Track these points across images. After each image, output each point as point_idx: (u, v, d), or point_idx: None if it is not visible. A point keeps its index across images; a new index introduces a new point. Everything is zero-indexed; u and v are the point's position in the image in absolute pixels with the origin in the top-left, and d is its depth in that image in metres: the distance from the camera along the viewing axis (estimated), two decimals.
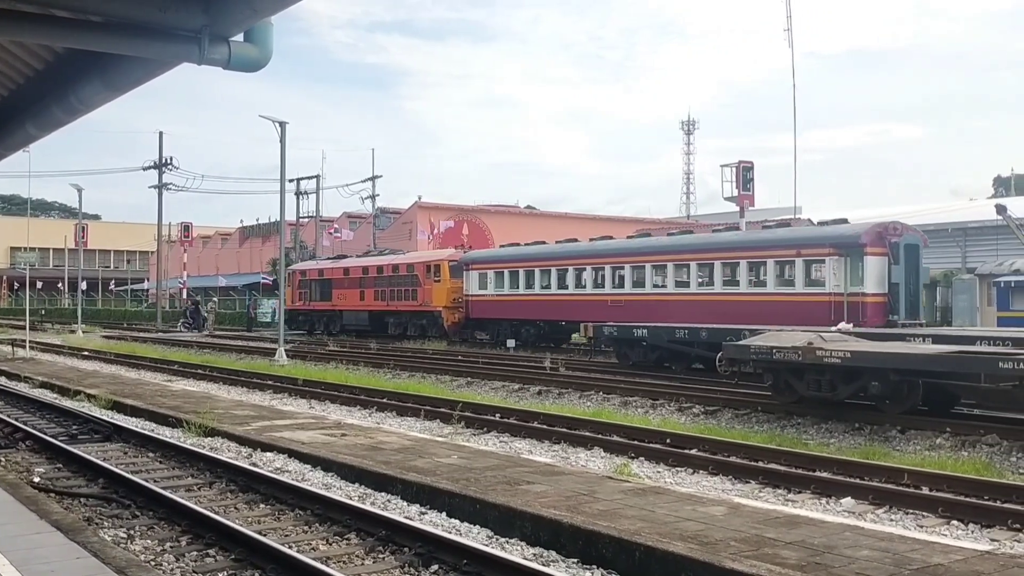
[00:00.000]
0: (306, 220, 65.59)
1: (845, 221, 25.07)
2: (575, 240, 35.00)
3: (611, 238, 34.43)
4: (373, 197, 60.37)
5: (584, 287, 31.14)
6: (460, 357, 30.05)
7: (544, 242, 36.53)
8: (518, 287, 34.15)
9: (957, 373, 14.10)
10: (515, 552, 7.38)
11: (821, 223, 25.42)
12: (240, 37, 6.89)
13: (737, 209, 38.08)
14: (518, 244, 37.63)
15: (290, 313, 49.06)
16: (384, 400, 18.54)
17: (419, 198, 62.28)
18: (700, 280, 27.01)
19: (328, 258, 50.47)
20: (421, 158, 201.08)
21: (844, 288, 22.85)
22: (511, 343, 34.47)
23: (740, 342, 17.50)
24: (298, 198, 63.84)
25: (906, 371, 14.39)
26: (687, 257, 27.30)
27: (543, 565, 6.90)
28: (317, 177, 63.21)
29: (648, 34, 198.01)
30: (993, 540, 8.32)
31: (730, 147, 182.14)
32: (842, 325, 18.72)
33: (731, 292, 25.63)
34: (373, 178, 60.07)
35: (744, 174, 37.50)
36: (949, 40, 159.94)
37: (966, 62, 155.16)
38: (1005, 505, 9.37)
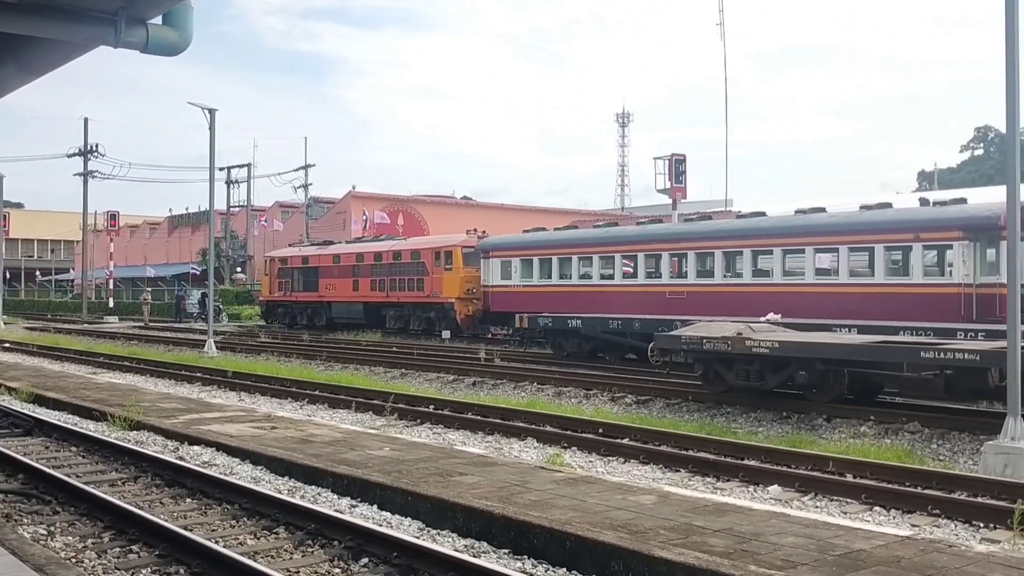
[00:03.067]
0: (237, 209, 64.61)
1: (964, 201, 21.49)
2: (615, 223, 30.97)
3: (659, 221, 29.70)
4: (306, 186, 59.76)
5: (635, 277, 26.92)
6: (394, 348, 29.89)
7: (575, 226, 32.72)
8: (551, 277, 29.67)
9: (881, 363, 14.45)
10: (446, 544, 7.35)
11: (939, 203, 21.54)
12: (159, 20, 6.70)
13: (670, 201, 38.65)
14: (545, 228, 33.22)
15: (268, 305, 45.77)
16: (316, 392, 18.34)
17: (353, 187, 61.81)
18: (785, 269, 23.07)
19: (314, 243, 46.54)
20: (356, 147, 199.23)
21: (973, 278, 19.47)
22: (446, 333, 34.32)
23: (671, 333, 17.70)
24: (229, 187, 62.94)
25: (832, 361, 14.71)
26: (768, 243, 23.16)
27: (474, 556, 6.89)
28: (248, 166, 62.42)
29: (588, 27, 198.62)
30: (914, 525, 8.55)
31: (671, 140, 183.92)
32: (770, 316, 19.02)
33: (827, 283, 21.79)
34: (306, 167, 59.44)
35: (676, 167, 38.05)
36: (877, 40, 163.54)
37: (893, 61, 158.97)
38: (925, 491, 9.63)
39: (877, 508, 9.24)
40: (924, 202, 24.16)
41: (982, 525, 8.57)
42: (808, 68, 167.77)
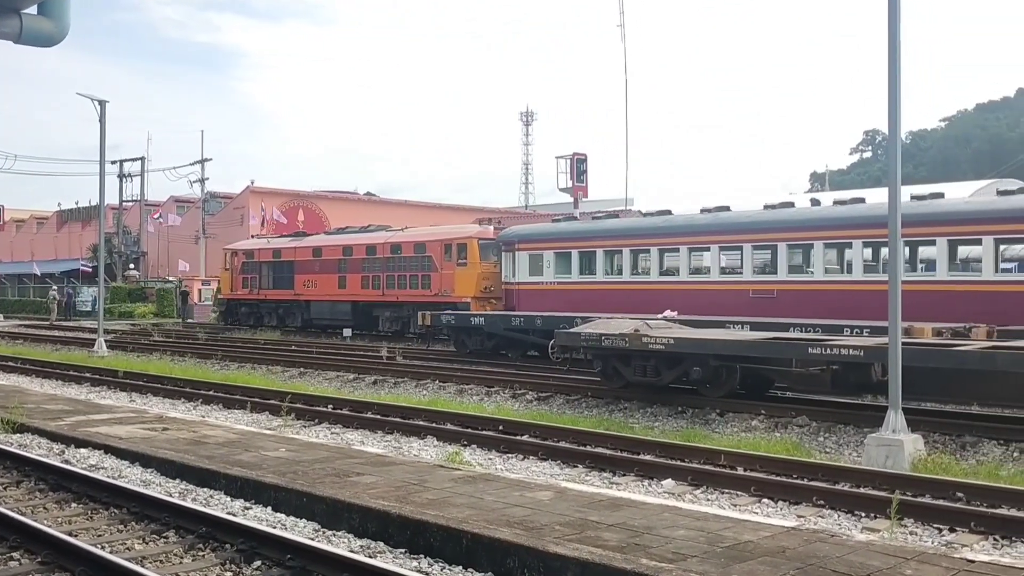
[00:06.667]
0: (130, 204, 62.69)
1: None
2: (661, 214, 26.95)
3: (727, 208, 24.80)
4: (202, 181, 58.28)
5: (706, 273, 23.61)
6: (294, 347, 29.45)
7: (616, 215, 29.15)
8: (594, 272, 26.01)
9: (771, 358, 14.90)
10: (342, 545, 7.28)
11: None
12: (34, 9, 6.43)
13: (572, 200, 39.09)
14: (576, 218, 29.65)
15: (229, 304, 40.99)
16: (210, 392, 17.95)
17: (252, 182, 60.61)
18: (867, 264, 21.01)
19: (288, 236, 41.91)
20: (256, 142, 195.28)
21: None
22: (347, 332, 33.93)
23: (571, 330, 17.89)
24: (121, 181, 61.13)
25: (725, 356, 15.09)
26: (848, 234, 20.54)
27: (369, 557, 6.84)
28: (142, 159, 60.63)
29: (493, 24, 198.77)
30: (799, 516, 8.84)
31: (581, 138, 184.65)
32: (667, 312, 19.39)
33: (926, 279, 19.57)
34: (202, 161, 57.96)
35: (578, 166, 38.51)
36: (769, 47, 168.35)
37: (787, 67, 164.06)
38: (811, 483, 9.96)
39: (765, 500, 9.52)
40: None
41: (864, 515, 8.90)
42: (707, 70, 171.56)
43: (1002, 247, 19.61)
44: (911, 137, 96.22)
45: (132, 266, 62.38)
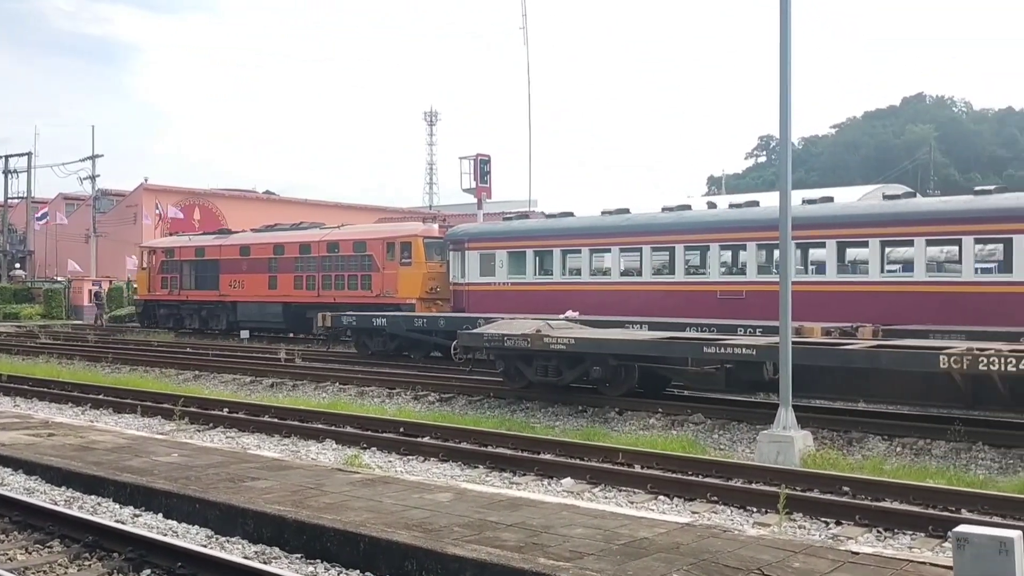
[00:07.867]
0: (16, 201, 60.20)
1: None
2: (620, 212, 25.70)
3: (689, 208, 24.09)
4: (93, 178, 56.33)
5: (671, 273, 22.69)
6: (188, 349, 28.72)
7: (571, 213, 28.03)
8: (551, 273, 25.14)
9: (668, 357, 15.18)
10: (235, 551, 7.12)
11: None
12: None
13: (475, 200, 39.09)
14: (527, 215, 28.51)
15: (146, 305, 38.34)
16: (100, 396, 17.39)
17: (145, 180, 58.90)
18: (840, 265, 19.98)
19: (213, 233, 39.46)
20: (152, 139, 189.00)
21: None
22: (244, 333, 33.22)
23: (474, 330, 17.91)
24: (6, 177, 58.70)
25: (623, 356, 15.31)
26: (820, 233, 19.24)
27: (263, 563, 6.71)
28: (29, 154, 58.28)
29: (399, 21, 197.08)
30: (694, 512, 9.03)
31: (489, 139, 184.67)
32: (569, 313, 19.57)
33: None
34: (93, 157, 56.02)
35: (481, 167, 38.55)
36: (664, 57, 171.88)
37: (685, 74, 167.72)
38: (705, 479, 10.18)
39: (661, 497, 9.69)
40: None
41: (755, 510, 9.15)
42: (606, 73, 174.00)
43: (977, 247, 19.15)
44: (803, 143, 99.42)
45: (18, 265, 59.96)
